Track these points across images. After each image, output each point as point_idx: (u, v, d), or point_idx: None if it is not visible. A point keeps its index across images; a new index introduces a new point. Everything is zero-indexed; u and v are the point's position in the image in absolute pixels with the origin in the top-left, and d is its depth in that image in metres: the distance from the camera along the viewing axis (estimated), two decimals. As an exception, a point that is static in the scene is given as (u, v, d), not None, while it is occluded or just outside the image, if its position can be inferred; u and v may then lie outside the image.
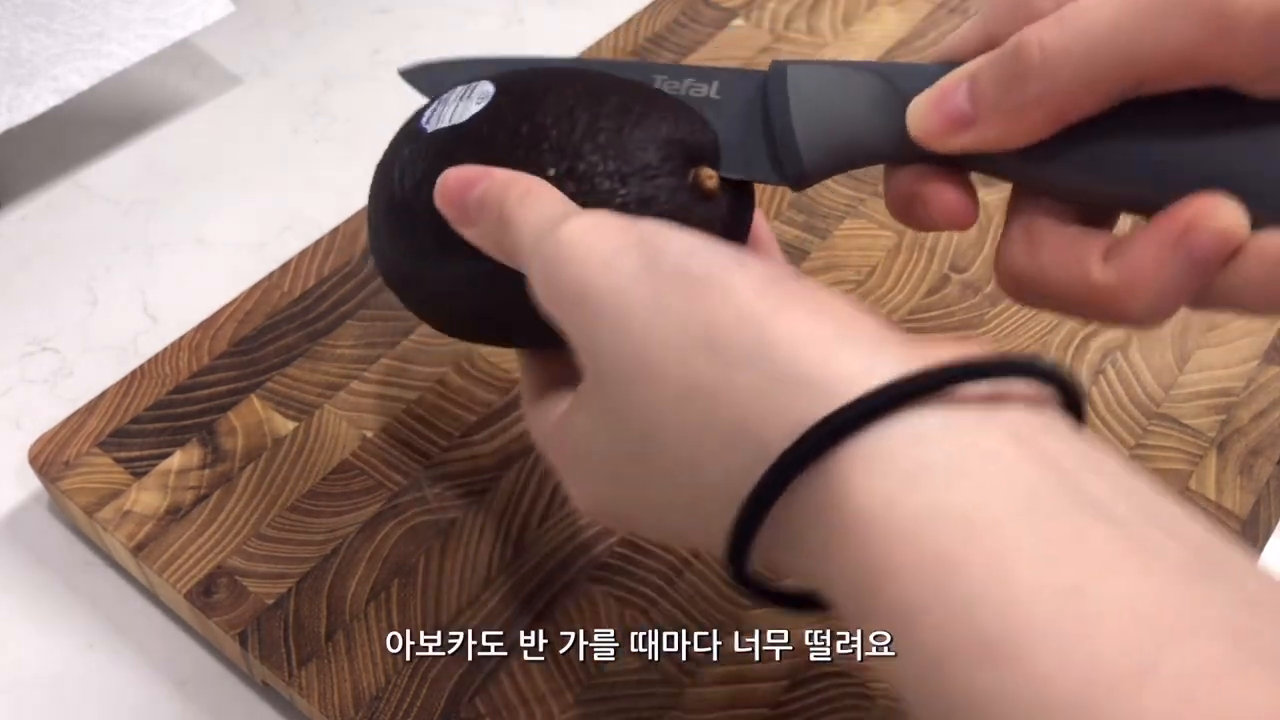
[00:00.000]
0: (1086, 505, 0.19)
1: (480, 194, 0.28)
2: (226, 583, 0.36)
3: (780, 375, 0.22)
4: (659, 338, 0.23)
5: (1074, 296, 0.26)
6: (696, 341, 0.23)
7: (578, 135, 0.29)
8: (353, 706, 0.34)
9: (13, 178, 0.53)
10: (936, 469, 0.20)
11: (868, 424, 0.20)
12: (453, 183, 0.29)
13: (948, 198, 0.28)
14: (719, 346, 0.22)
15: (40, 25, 0.50)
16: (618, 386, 0.24)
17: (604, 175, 0.28)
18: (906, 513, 0.20)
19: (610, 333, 0.24)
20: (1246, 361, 0.43)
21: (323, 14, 0.62)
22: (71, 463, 0.39)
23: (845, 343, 0.22)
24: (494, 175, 0.28)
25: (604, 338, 0.24)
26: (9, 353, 0.46)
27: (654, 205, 0.28)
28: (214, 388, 0.41)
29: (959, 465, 0.20)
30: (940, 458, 0.20)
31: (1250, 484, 0.40)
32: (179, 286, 0.49)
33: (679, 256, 0.24)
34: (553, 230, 0.25)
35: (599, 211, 0.26)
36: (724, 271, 0.23)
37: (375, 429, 0.40)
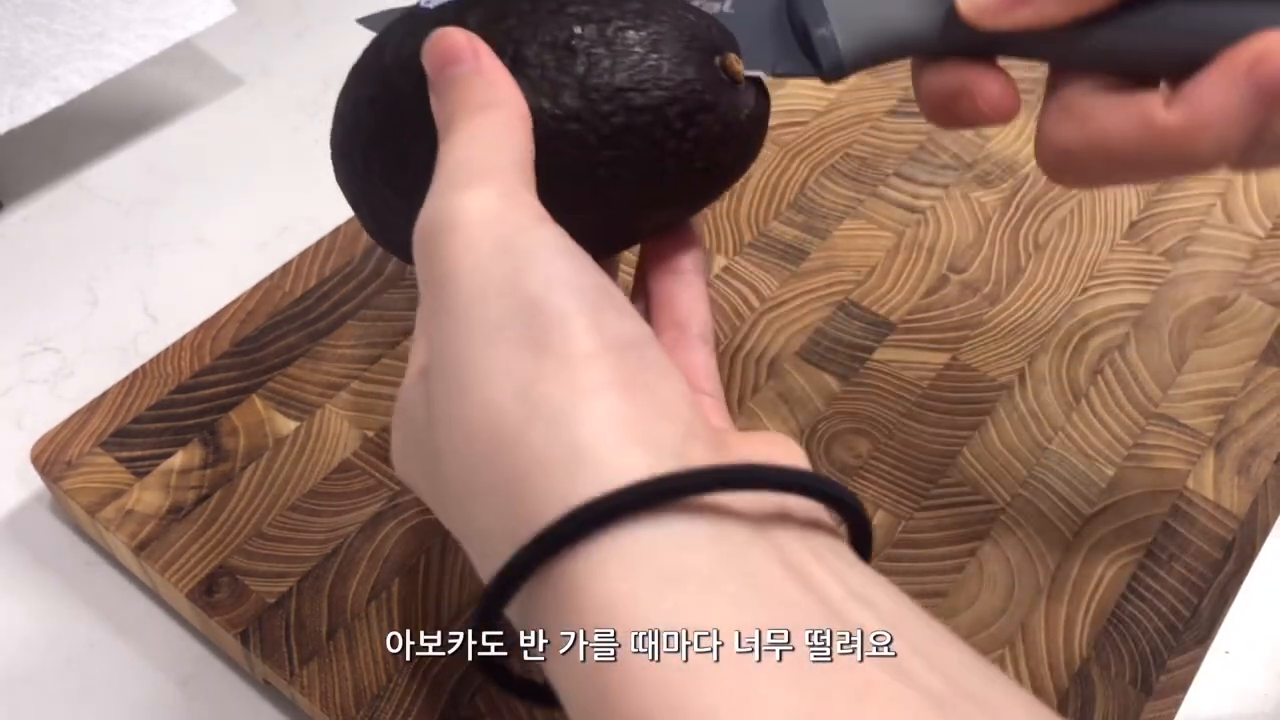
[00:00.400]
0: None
1: (456, 74, 0.26)
2: (228, 582, 0.36)
3: (572, 448, 0.20)
4: (487, 364, 0.22)
5: (1138, 149, 0.25)
6: (516, 382, 0.21)
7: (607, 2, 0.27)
8: (354, 705, 0.34)
9: (14, 178, 0.53)
10: (693, 578, 0.19)
11: (636, 515, 0.20)
12: (442, 47, 0.26)
13: (994, 89, 0.27)
14: (533, 395, 0.21)
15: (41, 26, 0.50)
16: (438, 387, 0.23)
17: (636, 44, 0.27)
18: (655, 617, 0.19)
19: (450, 335, 0.23)
20: (1244, 361, 0.44)
21: (323, 14, 0.62)
22: (73, 462, 0.39)
23: (646, 437, 0.21)
24: (480, 63, 0.26)
25: (444, 335, 0.23)
26: (10, 353, 0.46)
27: (689, 86, 0.27)
28: (215, 387, 0.42)
29: (717, 578, 0.19)
30: (700, 567, 0.19)
31: (1248, 484, 0.40)
32: (179, 286, 0.49)
33: (542, 283, 0.22)
34: (460, 189, 0.24)
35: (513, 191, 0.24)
36: (574, 317, 0.22)
37: (376, 429, 0.40)
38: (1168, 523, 0.39)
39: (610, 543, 0.20)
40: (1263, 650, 0.38)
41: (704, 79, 0.28)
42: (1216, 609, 0.37)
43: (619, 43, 0.27)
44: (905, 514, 0.39)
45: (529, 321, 0.22)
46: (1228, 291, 0.46)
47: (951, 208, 0.49)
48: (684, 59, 0.27)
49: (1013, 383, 0.43)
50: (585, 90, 0.27)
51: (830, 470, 0.40)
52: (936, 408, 0.42)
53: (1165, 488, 0.40)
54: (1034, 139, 0.28)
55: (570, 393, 0.21)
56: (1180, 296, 0.46)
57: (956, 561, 0.38)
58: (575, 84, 0.27)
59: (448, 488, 0.23)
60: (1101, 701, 0.35)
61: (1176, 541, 0.38)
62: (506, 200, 0.24)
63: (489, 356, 0.22)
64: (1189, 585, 0.37)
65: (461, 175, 0.24)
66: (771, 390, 0.42)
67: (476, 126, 0.25)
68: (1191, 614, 0.37)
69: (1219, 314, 0.45)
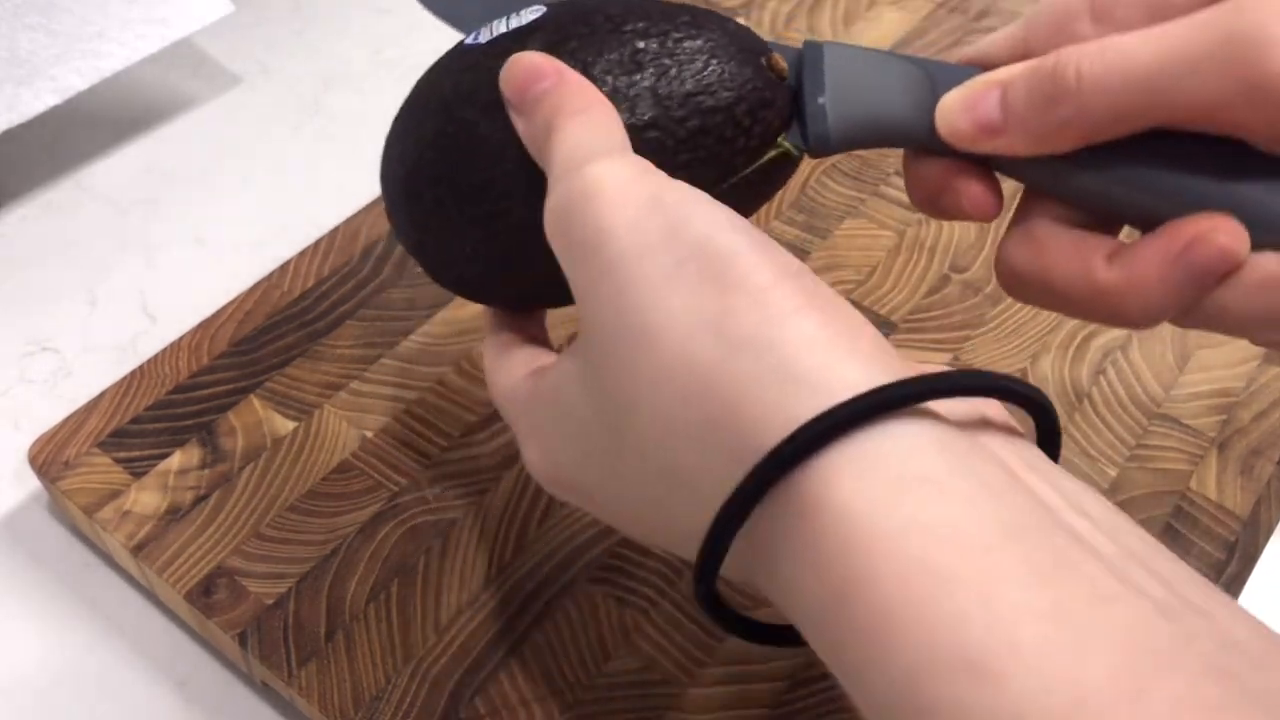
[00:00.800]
0: (1073, 538, 0.20)
1: (542, 90, 0.27)
2: (226, 583, 0.36)
3: (784, 371, 0.21)
4: (668, 306, 0.22)
5: (1075, 295, 0.26)
6: (706, 319, 0.22)
7: (658, 18, 0.29)
8: (352, 707, 0.34)
9: (12, 178, 0.53)
10: (928, 482, 0.20)
11: (864, 425, 0.20)
12: (522, 68, 0.28)
13: (975, 190, 0.28)
14: (727, 329, 0.22)
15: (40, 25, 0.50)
16: (614, 347, 0.24)
17: (697, 52, 0.28)
18: (894, 521, 0.19)
19: (619, 290, 0.23)
20: (1247, 362, 0.43)
21: (323, 14, 0.62)
22: (71, 463, 0.39)
23: (854, 353, 0.21)
24: (564, 76, 0.27)
25: (611, 293, 0.23)
26: (8, 353, 0.46)
27: (750, 85, 0.29)
28: (213, 388, 0.41)
29: (951, 482, 0.20)
30: (933, 471, 0.20)
31: (1251, 484, 0.40)
32: (179, 286, 0.49)
33: (705, 228, 0.23)
34: (588, 163, 0.25)
35: (638, 160, 0.25)
36: (746, 253, 0.23)
37: (375, 429, 0.40)
38: (1170, 523, 0.39)
39: (842, 454, 0.20)
40: (1266, 652, 0.38)
41: (761, 78, 0.29)
42: (1220, 610, 0.37)
43: (681, 53, 0.29)
44: (906, 515, 0.39)
45: (703, 263, 0.22)
46: (1230, 291, 0.46)
47: (953, 207, 0.49)
48: (741, 61, 0.29)
49: (1014, 383, 0.42)
50: (659, 99, 0.28)
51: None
52: (938, 408, 0.42)
53: (1168, 488, 0.40)
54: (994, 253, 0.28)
55: (766, 320, 0.22)
56: (1183, 296, 0.45)
57: (958, 562, 0.37)
58: (649, 94, 0.28)
59: (639, 454, 0.23)
60: (1104, 703, 0.34)
61: (1179, 542, 0.38)
62: (638, 165, 0.25)
63: (671, 302, 0.22)
64: (1192, 586, 0.37)
65: (582, 153, 0.25)
66: (772, 390, 0.42)
67: (579, 123, 0.26)
68: (1194, 615, 0.36)
69: (1222, 314, 0.45)
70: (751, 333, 0.22)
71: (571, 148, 0.25)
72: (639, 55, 0.28)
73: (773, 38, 0.56)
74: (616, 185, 0.24)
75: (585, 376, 0.25)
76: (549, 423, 0.27)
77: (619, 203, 0.24)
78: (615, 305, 0.23)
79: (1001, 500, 0.20)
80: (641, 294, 0.23)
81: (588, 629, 0.35)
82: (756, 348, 0.21)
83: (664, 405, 0.22)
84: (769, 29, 0.57)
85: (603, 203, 0.24)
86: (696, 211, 0.24)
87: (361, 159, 0.54)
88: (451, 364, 0.42)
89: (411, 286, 0.45)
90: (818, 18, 0.58)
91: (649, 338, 0.23)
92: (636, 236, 0.23)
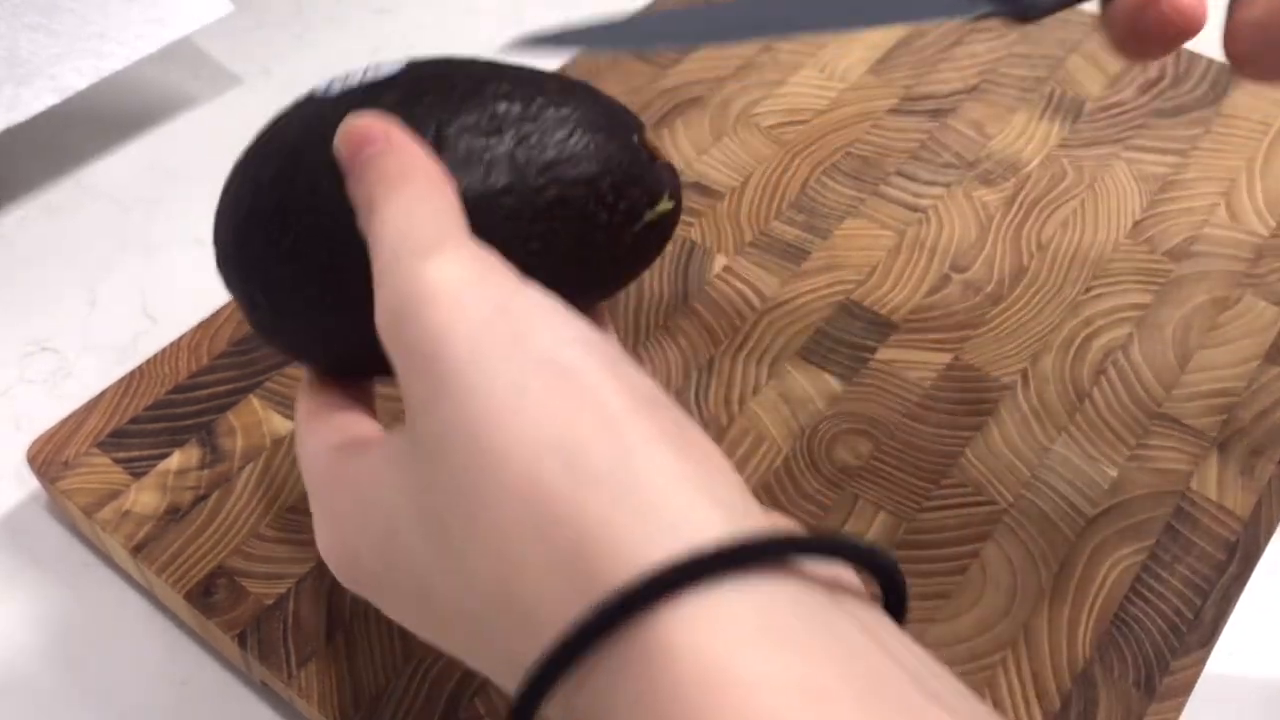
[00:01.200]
0: (930, 696, 0.19)
1: (368, 156, 0.25)
2: (226, 583, 0.36)
3: (640, 510, 0.20)
4: (514, 427, 0.21)
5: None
6: (554, 445, 0.20)
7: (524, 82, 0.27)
8: (352, 707, 0.34)
9: (13, 177, 0.53)
10: (784, 636, 0.19)
11: (723, 574, 0.19)
12: (353, 128, 0.26)
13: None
14: (576, 456, 0.20)
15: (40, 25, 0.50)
16: (449, 460, 0.22)
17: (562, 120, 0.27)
18: (746, 672, 0.18)
19: (458, 404, 0.21)
20: (1248, 361, 0.43)
21: (323, 14, 0.62)
22: (70, 463, 0.39)
23: (713, 497, 0.20)
24: (393, 141, 0.25)
25: (449, 406, 0.22)
26: (8, 353, 0.46)
27: (617, 160, 0.28)
28: (213, 388, 0.41)
29: (807, 638, 0.19)
30: (789, 626, 0.19)
31: (1251, 484, 0.40)
32: (179, 286, 0.49)
33: (551, 343, 0.22)
34: (420, 259, 0.23)
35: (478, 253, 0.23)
36: (597, 374, 0.21)
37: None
38: (1171, 524, 0.39)
39: (697, 601, 0.19)
40: (1266, 652, 0.38)
41: (630, 154, 0.28)
42: (1220, 610, 0.37)
43: (545, 119, 0.27)
44: (907, 515, 0.39)
45: (550, 382, 0.21)
46: (1231, 291, 0.46)
47: (954, 207, 0.49)
48: (609, 134, 0.28)
49: (1015, 383, 0.42)
50: (516, 164, 0.27)
51: (831, 471, 0.40)
52: (939, 408, 0.42)
53: (1168, 488, 0.40)
54: (1222, 30, 0.27)
55: (623, 451, 0.20)
56: (1184, 296, 0.45)
57: (959, 563, 0.37)
58: (505, 159, 0.27)
59: (464, 572, 0.22)
60: (1104, 703, 0.34)
61: (1180, 543, 0.38)
62: (477, 262, 0.23)
63: (516, 424, 0.21)
64: (1192, 587, 0.37)
65: (412, 246, 0.23)
66: (772, 390, 0.42)
67: (404, 198, 0.24)
68: (1195, 615, 0.36)
69: (1222, 314, 0.45)
70: (606, 465, 0.20)
71: (398, 234, 0.23)
72: (499, 118, 0.27)
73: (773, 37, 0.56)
74: (453, 291, 0.22)
75: (409, 480, 0.23)
76: (353, 510, 0.24)
77: (458, 310, 0.22)
78: (453, 419, 0.21)
79: (857, 659, 0.19)
80: (484, 412, 0.21)
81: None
82: (611, 482, 0.20)
83: (505, 530, 0.21)
84: (769, 29, 0.57)
85: (438, 309, 0.22)
86: (543, 323, 0.22)
87: (361, 159, 0.54)
88: (451, 364, 0.42)
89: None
90: (818, 17, 0.57)
91: (492, 459, 0.21)
92: (480, 346, 0.22)
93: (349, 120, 0.26)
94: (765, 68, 0.55)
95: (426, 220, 0.24)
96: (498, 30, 0.61)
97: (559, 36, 0.31)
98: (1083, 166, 0.50)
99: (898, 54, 0.56)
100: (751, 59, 0.55)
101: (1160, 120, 0.52)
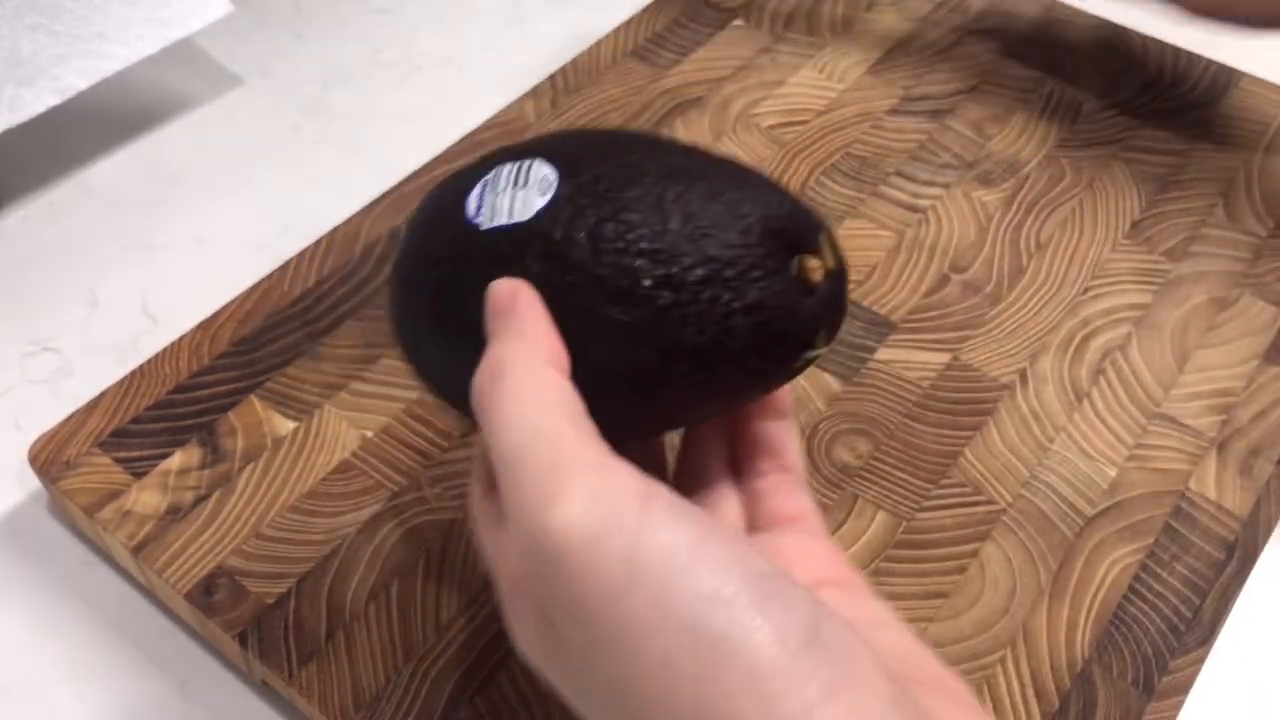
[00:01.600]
0: None
1: (499, 327, 0.26)
2: (226, 583, 0.36)
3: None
4: (668, 708, 0.21)
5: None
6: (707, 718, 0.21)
7: (671, 236, 0.26)
8: (353, 707, 0.34)
9: (13, 178, 0.53)
10: None
11: None
12: (489, 303, 0.26)
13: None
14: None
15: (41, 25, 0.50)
16: (602, 705, 0.23)
17: (702, 283, 0.26)
18: None
19: (610, 669, 0.22)
20: (1246, 361, 0.43)
21: (323, 14, 0.62)
22: (71, 463, 0.39)
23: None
24: (518, 311, 0.25)
25: (603, 665, 0.22)
26: (9, 353, 0.46)
27: (760, 311, 0.26)
28: (214, 388, 0.41)
29: None
30: None
31: (1250, 484, 0.40)
32: (179, 286, 0.49)
33: (694, 607, 0.21)
34: (548, 503, 0.22)
35: (595, 487, 0.23)
36: (744, 636, 0.21)
37: (375, 429, 0.40)
38: (1170, 523, 0.39)
39: None
40: (1266, 652, 0.38)
41: (780, 304, 0.27)
42: (1219, 610, 0.37)
43: (688, 292, 0.26)
44: (907, 515, 0.39)
45: (700, 653, 0.21)
46: (1230, 291, 0.46)
47: (953, 207, 0.49)
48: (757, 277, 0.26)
49: (1014, 383, 0.42)
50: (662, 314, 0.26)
51: (831, 470, 0.40)
52: (938, 408, 0.42)
53: (1167, 488, 0.40)
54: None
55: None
56: (1182, 296, 0.46)
57: (958, 563, 0.38)
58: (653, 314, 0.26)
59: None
60: (1104, 703, 0.35)
61: (1178, 542, 0.38)
62: (597, 499, 0.22)
63: (670, 702, 0.21)
64: (1191, 586, 0.37)
65: (534, 480, 0.23)
66: (772, 390, 0.42)
67: (509, 398, 0.24)
68: (1193, 615, 0.37)
69: (1221, 314, 0.45)
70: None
71: (516, 466, 0.23)
72: (646, 292, 0.26)
73: (772, 39, 0.56)
74: (580, 545, 0.22)
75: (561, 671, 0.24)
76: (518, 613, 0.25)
77: (591, 569, 0.22)
78: (607, 686, 0.22)
79: None
80: (637, 688, 0.21)
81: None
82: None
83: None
84: (769, 29, 0.57)
85: (572, 568, 0.22)
86: (679, 577, 0.22)
87: (361, 159, 0.54)
88: (451, 364, 0.42)
89: (411, 286, 0.45)
90: (817, 18, 0.58)
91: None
92: (619, 614, 0.22)
93: (491, 288, 0.26)
94: (765, 68, 0.55)
95: (540, 432, 0.24)
96: (497, 30, 0.61)
97: None
98: (1081, 167, 0.50)
99: (897, 54, 0.56)
100: (751, 59, 0.55)
101: (1159, 120, 0.53)
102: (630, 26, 0.57)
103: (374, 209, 0.48)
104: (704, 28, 0.57)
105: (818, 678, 0.21)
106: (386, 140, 0.55)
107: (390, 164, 0.51)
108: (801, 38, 0.57)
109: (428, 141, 0.52)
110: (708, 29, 0.57)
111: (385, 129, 0.55)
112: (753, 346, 0.27)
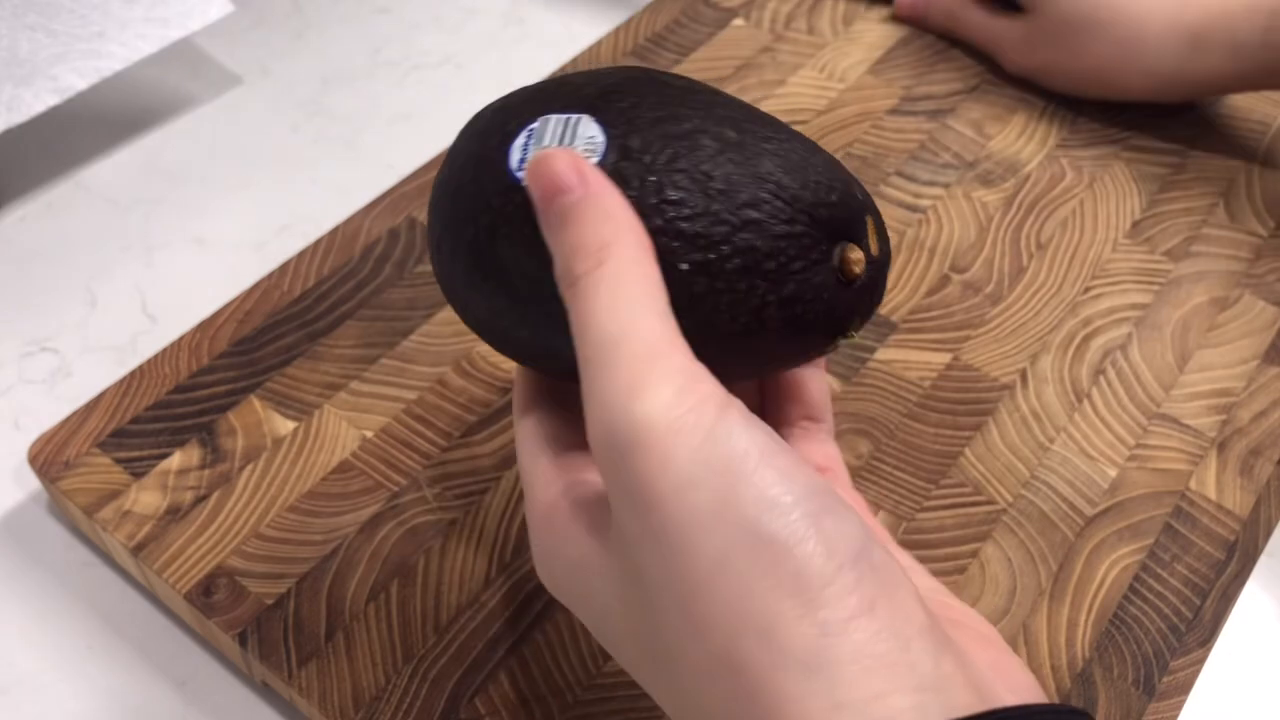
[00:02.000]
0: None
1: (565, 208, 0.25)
2: (226, 583, 0.36)
3: (830, 692, 0.21)
4: (715, 602, 0.22)
5: None
6: (751, 621, 0.21)
7: (711, 219, 0.26)
8: (352, 707, 0.34)
9: (13, 178, 0.53)
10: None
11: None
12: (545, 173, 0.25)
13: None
14: (772, 637, 0.21)
15: (40, 25, 0.50)
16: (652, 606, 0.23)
17: (740, 272, 0.26)
18: None
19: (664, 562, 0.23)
20: (1247, 361, 0.43)
21: (323, 14, 0.62)
22: (71, 463, 0.39)
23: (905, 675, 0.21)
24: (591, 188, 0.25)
25: (656, 560, 0.23)
26: (8, 353, 0.46)
27: (796, 304, 0.26)
28: (213, 388, 0.41)
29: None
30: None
31: (1250, 484, 0.40)
32: (179, 286, 0.49)
33: (755, 509, 0.22)
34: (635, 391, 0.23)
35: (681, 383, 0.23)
36: (797, 544, 0.22)
37: (375, 429, 0.40)
38: (1170, 523, 0.39)
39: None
40: (1265, 652, 0.38)
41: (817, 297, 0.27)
42: (1219, 610, 0.37)
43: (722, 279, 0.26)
44: (907, 515, 0.39)
45: (752, 557, 0.22)
46: (1230, 291, 0.46)
47: (953, 207, 0.49)
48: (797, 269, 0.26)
49: (1015, 383, 0.42)
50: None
51: (831, 471, 0.40)
52: (938, 408, 0.42)
53: (1167, 488, 0.40)
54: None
55: (818, 632, 0.21)
56: (1183, 296, 0.46)
57: (958, 563, 0.38)
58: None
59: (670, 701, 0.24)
60: (1104, 703, 0.35)
61: (1179, 542, 0.38)
62: (682, 396, 0.23)
63: (719, 600, 0.22)
64: (1191, 586, 0.37)
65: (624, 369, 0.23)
66: (772, 390, 0.42)
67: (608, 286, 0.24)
68: (1194, 615, 0.36)
69: (1221, 314, 0.45)
70: (801, 646, 0.21)
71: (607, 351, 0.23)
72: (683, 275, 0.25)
73: (772, 39, 0.56)
74: (661, 435, 0.22)
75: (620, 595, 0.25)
76: (567, 577, 0.26)
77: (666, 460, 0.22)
78: (660, 578, 0.23)
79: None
80: (688, 581, 0.22)
81: (588, 628, 0.35)
82: (806, 664, 0.21)
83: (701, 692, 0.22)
84: (769, 30, 0.57)
85: (650, 458, 0.22)
86: (747, 479, 0.22)
87: (361, 159, 0.54)
88: (451, 364, 0.42)
89: (411, 286, 0.45)
90: (817, 18, 0.58)
91: (693, 628, 0.22)
92: (685, 506, 0.22)
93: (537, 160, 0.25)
94: (765, 68, 0.55)
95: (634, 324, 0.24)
96: (497, 30, 0.61)
97: None
98: (1082, 166, 0.50)
99: (897, 54, 0.56)
100: (751, 59, 0.55)
101: (1159, 120, 0.53)
102: (630, 26, 0.57)
103: (374, 209, 0.48)
104: (704, 27, 0.57)
105: (859, 592, 0.21)
106: (386, 140, 0.55)
107: (390, 164, 0.51)
108: (801, 37, 0.57)
109: (428, 141, 0.52)
110: (707, 29, 0.57)
111: (385, 129, 0.55)
112: (784, 334, 0.27)
